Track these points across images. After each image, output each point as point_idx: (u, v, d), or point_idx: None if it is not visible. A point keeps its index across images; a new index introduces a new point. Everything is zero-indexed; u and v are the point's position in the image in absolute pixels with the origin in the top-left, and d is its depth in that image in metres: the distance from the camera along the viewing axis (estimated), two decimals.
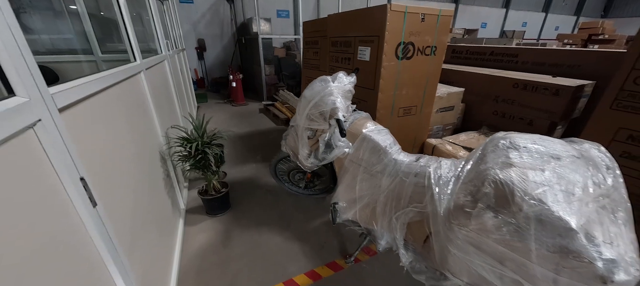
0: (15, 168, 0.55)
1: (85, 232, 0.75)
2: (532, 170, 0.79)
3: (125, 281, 0.89)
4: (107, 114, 1.05)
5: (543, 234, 0.70)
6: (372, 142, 1.39)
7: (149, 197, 1.38)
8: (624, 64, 1.55)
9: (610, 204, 0.77)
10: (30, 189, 0.58)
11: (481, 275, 0.87)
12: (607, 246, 0.65)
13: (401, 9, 1.70)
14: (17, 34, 0.57)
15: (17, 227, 0.53)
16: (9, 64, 0.55)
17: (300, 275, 1.54)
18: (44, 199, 0.62)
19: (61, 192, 0.67)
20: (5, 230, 0.50)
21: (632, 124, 1.56)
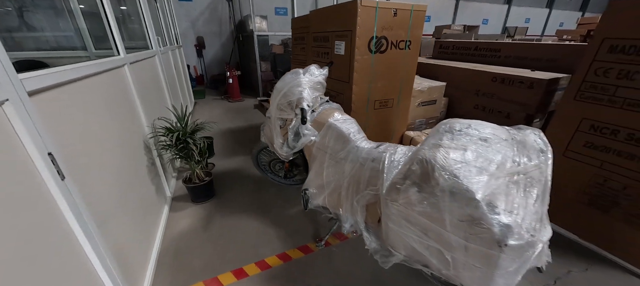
0: None
1: (54, 201, 0.85)
2: (455, 150, 0.86)
3: (95, 250, 1.00)
4: (84, 100, 1.16)
5: (455, 205, 0.78)
6: (337, 130, 1.47)
7: (130, 181, 1.48)
8: (585, 57, 1.59)
9: (526, 180, 0.84)
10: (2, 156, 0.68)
11: (413, 247, 0.95)
12: (506, 215, 0.73)
13: (372, 4, 1.77)
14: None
15: None
16: None
17: (272, 257, 1.64)
18: (12, 167, 0.72)
19: (29, 163, 0.77)
20: None
21: (593, 114, 1.61)
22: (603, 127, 1.59)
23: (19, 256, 0.70)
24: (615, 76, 1.50)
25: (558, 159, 1.79)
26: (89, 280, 0.98)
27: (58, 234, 0.86)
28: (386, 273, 1.53)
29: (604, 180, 1.64)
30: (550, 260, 1.01)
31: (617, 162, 1.57)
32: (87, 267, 0.98)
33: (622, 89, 1.49)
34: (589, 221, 1.73)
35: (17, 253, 0.69)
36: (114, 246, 1.17)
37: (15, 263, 0.69)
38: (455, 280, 0.91)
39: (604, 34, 1.51)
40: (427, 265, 0.98)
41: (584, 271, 1.57)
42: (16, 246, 0.70)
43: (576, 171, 1.73)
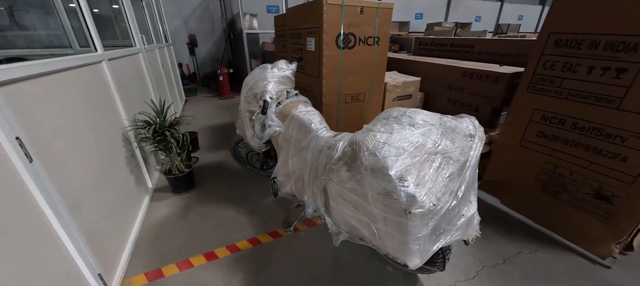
0: None
1: (23, 181, 0.95)
2: (382, 133, 0.97)
3: (66, 231, 1.09)
4: (57, 93, 1.25)
5: (374, 180, 0.88)
6: (299, 121, 1.57)
7: (106, 169, 1.58)
8: (534, 50, 1.70)
9: (442, 159, 0.94)
10: None
11: (350, 223, 1.06)
12: (413, 187, 0.83)
13: (337, 2, 1.86)
14: None
15: None
16: None
17: (243, 241, 1.75)
18: None
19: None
20: None
21: (543, 105, 1.72)
22: (552, 117, 1.69)
23: None
24: (561, 68, 1.60)
25: (515, 148, 1.91)
26: (60, 257, 1.08)
27: (27, 211, 0.96)
28: (348, 256, 1.64)
29: (554, 167, 1.74)
30: (478, 234, 1.12)
31: (565, 149, 1.67)
32: (57, 245, 1.08)
33: (567, 81, 1.59)
34: (542, 206, 1.83)
35: None
36: (88, 229, 1.27)
37: None
38: (383, 249, 1.02)
39: (550, 28, 1.61)
40: (363, 239, 1.09)
41: (533, 252, 1.68)
42: None
43: (530, 159, 1.84)
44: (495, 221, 1.93)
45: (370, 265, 1.58)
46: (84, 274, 1.19)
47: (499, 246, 1.71)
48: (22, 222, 0.93)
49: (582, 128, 1.58)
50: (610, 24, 1.39)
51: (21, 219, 0.92)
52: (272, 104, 1.61)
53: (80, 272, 1.17)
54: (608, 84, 1.44)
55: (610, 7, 1.38)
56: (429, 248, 0.92)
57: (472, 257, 1.62)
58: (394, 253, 0.98)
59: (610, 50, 1.41)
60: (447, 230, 0.98)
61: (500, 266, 1.57)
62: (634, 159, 1.42)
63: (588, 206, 1.63)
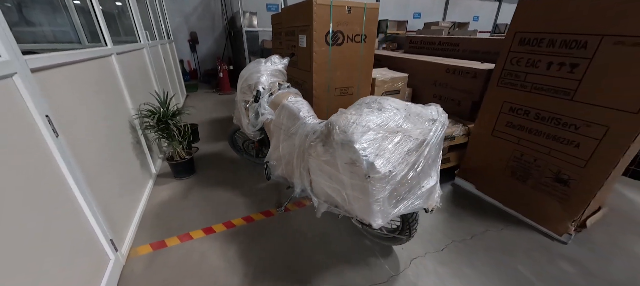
0: (2, 99, 0.93)
1: (50, 152, 1.13)
2: (353, 115, 1.14)
3: (84, 198, 1.28)
4: (76, 80, 1.43)
5: (343, 152, 1.06)
6: (289, 109, 1.75)
7: (116, 151, 1.76)
8: (503, 48, 1.87)
9: (402, 136, 1.11)
10: (11, 114, 0.96)
11: (326, 192, 1.24)
12: (373, 156, 1.01)
13: (326, 2, 2.04)
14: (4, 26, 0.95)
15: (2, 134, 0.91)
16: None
17: (238, 219, 1.93)
18: (20, 123, 1.00)
19: (32, 122, 1.05)
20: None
21: (511, 97, 1.89)
22: (518, 108, 1.87)
23: (24, 192, 0.98)
24: (525, 64, 1.78)
25: (488, 138, 2.09)
26: (78, 220, 1.26)
27: (53, 178, 1.14)
28: (332, 232, 1.82)
29: (521, 154, 1.92)
30: (438, 205, 1.31)
31: (529, 138, 1.85)
32: (77, 210, 1.26)
33: (530, 75, 1.76)
34: (510, 190, 2.01)
35: (21, 189, 0.98)
36: (103, 200, 1.45)
37: (20, 197, 0.97)
38: (353, 212, 1.20)
39: (516, 28, 1.79)
40: (337, 205, 1.27)
41: (500, 230, 1.86)
42: (21, 184, 0.98)
43: (501, 148, 2.01)
44: (469, 205, 2.11)
45: (351, 240, 1.76)
46: (99, 237, 1.37)
47: (469, 225, 1.89)
48: (49, 186, 1.11)
49: (543, 118, 1.75)
50: (564, 23, 1.56)
51: (49, 184, 1.11)
52: (264, 94, 1.79)
53: (95, 235, 1.35)
54: (563, 77, 1.62)
55: (563, 9, 1.55)
56: (389, 210, 1.10)
57: (443, 233, 1.81)
58: (361, 214, 1.16)
59: (565, 47, 1.58)
60: (407, 198, 1.16)
61: (468, 241, 1.75)
62: (586, 145, 1.60)
63: (549, 188, 1.81)
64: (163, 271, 1.51)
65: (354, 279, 1.48)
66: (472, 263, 1.58)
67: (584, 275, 1.51)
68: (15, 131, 0.98)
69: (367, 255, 1.64)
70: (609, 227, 1.89)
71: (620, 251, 1.69)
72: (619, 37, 1.38)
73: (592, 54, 1.49)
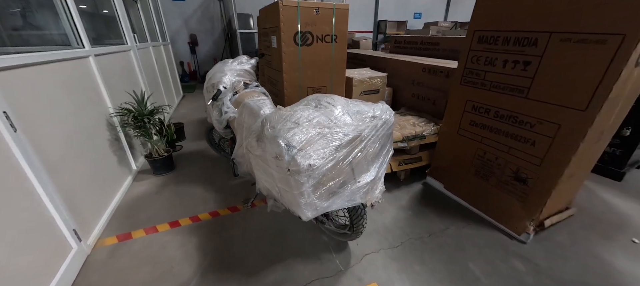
0: None
1: (8, 146, 1.23)
2: (287, 112, 1.19)
3: (41, 185, 1.37)
4: (43, 80, 1.53)
5: (271, 147, 1.11)
6: (249, 107, 1.80)
7: (88, 147, 1.86)
8: (464, 46, 1.87)
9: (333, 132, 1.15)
10: None
11: (265, 187, 1.29)
12: (295, 150, 1.05)
13: (293, 4, 2.09)
14: None
15: None
16: None
17: (204, 213, 2.00)
18: None
19: None
20: None
21: (473, 96, 1.89)
22: (480, 107, 1.87)
23: None
24: (484, 62, 1.78)
25: (453, 137, 2.09)
26: (37, 208, 1.35)
27: (9, 169, 1.23)
28: (292, 227, 1.86)
29: (484, 153, 1.92)
30: (379, 200, 1.33)
31: (490, 136, 1.85)
32: (35, 199, 1.35)
33: (489, 74, 1.76)
34: (474, 188, 2.01)
35: None
36: (66, 190, 1.55)
37: None
38: (287, 205, 1.24)
39: (475, 26, 1.79)
40: (276, 198, 1.31)
41: (460, 228, 1.86)
42: None
43: (466, 146, 2.01)
44: (436, 204, 2.11)
45: (309, 234, 1.80)
46: (59, 226, 1.46)
47: (431, 224, 1.90)
48: (5, 176, 1.20)
49: (502, 116, 1.75)
50: (516, 21, 1.56)
51: (4, 175, 1.20)
52: (226, 93, 1.86)
53: (55, 224, 1.44)
54: (518, 75, 1.61)
55: (515, 7, 1.55)
56: (319, 204, 1.14)
57: (402, 231, 1.82)
58: (291, 207, 1.20)
59: (518, 45, 1.58)
60: (339, 192, 1.19)
61: (425, 238, 1.76)
62: (540, 143, 1.59)
63: (509, 187, 1.80)
64: (123, 260, 1.59)
65: (302, 272, 1.52)
66: (423, 260, 1.59)
67: (533, 273, 1.50)
68: None
69: (321, 250, 1.67)
70: (574, 227, 1.86)
71: (578, 252, 1.66)
72: (565, 33, 1.38)
73: (542, 52, 1.48)
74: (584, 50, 1.33)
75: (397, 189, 2.30)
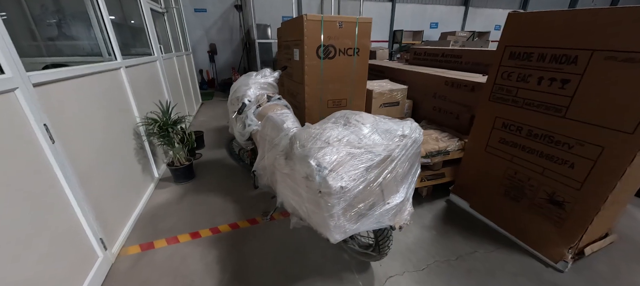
0: (4, 110, 1.08)
1: (45, 157, 1.27)
2: (316, 130, 1.17)
3: (75, 197, 1.41)
4: (80, 92, 1.60)
5: (300, 167, 1.09)
6: (273, 121, 1.80)
7: (115, 155, 1.92)
8: (494, 62, 1.81)
9: (364, 152, 1.12)
10: (11, 122, 1.11)
11: (291, 205, 1.27)
12: (326, 171, 1.02)
13: (317, 19, 2.10)
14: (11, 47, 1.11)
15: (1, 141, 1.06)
16: (4, 61, 1.09)
17: (224, 225, 2.00)
18: (20, 131, 1.15)
19: (30, 130, 1.20)
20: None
21: (503, 113, 1.82)
22: (511, 125, 1.79)
23: (14, 189, 1.11)
24: (516, 79, 1.71)
25: (481, 154, 2.01)
26: (67, 218, 1.39)
27: (46, 179, 1.27)
28: (311, 243, 1.82)
29: (514, 173, 1.82)
30: (407, 223, 1.28)
31: (522, 156, 1.76)
32: (68, 209, 1.39)
33: (521, 90, 1.69)
34: (504, 209, 1.91)
35: (17, 189, 1.11)
36: (95, 199, 1.59)
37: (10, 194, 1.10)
38: (315, 226, 1.21)
39: (505, 42, 1.73)
40: (301, 218, 1.28)
41: (489, 252, 1.76)
42: (13, 183, 1.11)
43: (494, 164, 1.92)
44: (461, 223, 2.02)
45: (330, 252, 1.76)
46: (88, 235, 1.50)
47: (456, 245, 1.81)
48: (42, 185, 1.24)
49: (536, 135, 1.66)
50: (553, 38, 1.49)
51: (41, 185, 1.24)
52: (250, 106, 1.87)
53: (84, 233, 1.48)
54: (555, 93, 1.53)
55: (551, 23, 1.48)
56: (348, 225, 1.10)
57: (426, 252, 1.74)
58: (319, 228, 1.16)
59: (555, 62, 1.50)
60: (368, 214, 1.15)
61: (452, 261, 1.67)
62: (580, 165, 1.49)
63: (544, 210, 1.69)
64: (145, 271, 1.60)
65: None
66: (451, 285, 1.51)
67: None
68: (14, 137, 1.12)
69: (343, 269, 1.62)
70: (615, 256, 1.72)
71: (620, 284, 1.53)
72: (610, 52, 1.30)
73: (583, 70, 1.40)
74: (632, 69, 1.24)
75: (420, 207, 2.22)
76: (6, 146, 1.08)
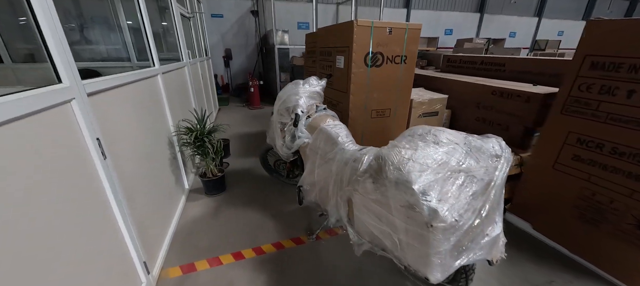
0: (59, 124, 0.95)
1: (97, 174, 1.14)
2: (407, 150, 1.03)
3: (123, 217, 1.28)
4: (125, 101, 1.48)
5: (397, 193, 0.95)
6: (327, 133, 1.67)
7: (154, 168, 1.79)
8: (569, 72, 1.66)
9: (466, 177, 0.98)
10: (67, 137, 0.98)
11: (372, 233, 1.12)
12: (436, 202, 0.88)
13: (367, 24, 1.98)
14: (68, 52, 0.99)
15: (54, 158, 0.93)
16: (61, 68, 0.97)
17: (267, 244, 1.85)
18: (75, 148, 1.02)
19: (84, 144, 1.07)
20: (47, 154, 0.90)
21: (580, 128, 1.66)
22: (589, 141, 1.63)
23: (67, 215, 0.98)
24: (598, 91, 1.55)
25: (548, 171, 1.84)
26: (116, 242, 1.26)
27: (97, 201, 1.14)
28: (369, 267, 1.67)
29: (592, 194, 1.65)
30: (504, 256, 1.13)
31: (604, 176, 1.59)
32: (116, 233, 1.26)
33: (605, 104, 1.53)
34: (579, 234, 1.73)
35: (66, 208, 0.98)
36: (139, 219, 1.45)
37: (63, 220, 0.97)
38: (404, 261, 1.05)
39: (585, 51, 1.58)
40: (384, 249, 1.13)
41: (568, 283, 1.58)
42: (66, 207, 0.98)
43: (565, 183, 1.76)
44: (526, 247, 1.85)
45: (389, 278, 1.60)
46: (133, 258, 1.36)
47: (528, 274, 1.63)
48: (95, 208, 1.11)
49: (623, 154, 1.50)
50: None
51: (92, 207, 1.11)
52: (302, 117, 1.74)
53: (130, 258, 1.34)
54: None
55: None
56: (450, 263, 0.95)
57: (498, 281, 1.57)
58: (415, 265, 1.01)
59: None
60: (469, 248, 1.00)
61: None
62: None
63: (632, 238, 1.52)
64: None
65: None
66: None
67: None
68: (69, 155, 0.99)
69: None
70: None
71: None
72: None
73: None
74: None
75: None
76: (61, 167, 0.95)
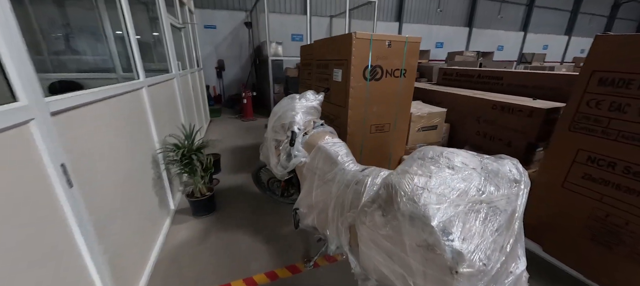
0: (13, 149, 0.79)
1: (60, 206, 0.98)
2: (420, 176, 0.91)
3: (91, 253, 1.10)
4: (101, 119, 1.32)
5: (413, 229, 0.82)
6: (326, 152, 1.55)
7: (133, 192, 1.62)
8: (576, 88, 1.60)
9: (488, 209, 0.86)
10: (23, 164, 0.82)
11: (381, 271, 0.98)
12: (460, 242, 0.75)
13: (366, 37, 1.90)
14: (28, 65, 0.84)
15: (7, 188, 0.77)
16: (18, 83, 0.82)
17: (260, 274, 1.68)
18: (29, 174, 0.86)
19: (44, 173, 0.91)
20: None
21: (590, 145, 1.58)
22: (600, 159, 1.55)
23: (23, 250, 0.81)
24: (607, 108, 1.49)
25: (557, 190, 1.75)
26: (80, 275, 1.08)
27: (60, 234, 0.98)
28: None
29: (605, 215, 1.57)
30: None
31: (617, 196, 1.51)
32: (83, 272, 1.08)
33: (615, 121, 1.47)
34: (593, 258, 1.63)
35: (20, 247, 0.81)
36: (111, 251, 1.27)
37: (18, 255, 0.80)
38: None
39: (592, 66, 1.53)
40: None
41: None
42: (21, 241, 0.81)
43: (576, 203, 1.67)
44: (540, 271, 1.74)
45: None
46: None
47: None
48: (56, 246, 0.94)
49: (637, 173, 1.42)
50: None
51: (53, 242, 0.94)
52: (299, 134, 1.61)
53: None
54: None
55: None
56: None
57: None
58: None
59: None
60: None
61: None
62: None
63: None
64: None
65: None
66: None
67: None
68: (24, 186, 0.83)
69: None
70: None
71: None
72: None
73: None
74: None
75: None
76: (15, 199, 0.79)
